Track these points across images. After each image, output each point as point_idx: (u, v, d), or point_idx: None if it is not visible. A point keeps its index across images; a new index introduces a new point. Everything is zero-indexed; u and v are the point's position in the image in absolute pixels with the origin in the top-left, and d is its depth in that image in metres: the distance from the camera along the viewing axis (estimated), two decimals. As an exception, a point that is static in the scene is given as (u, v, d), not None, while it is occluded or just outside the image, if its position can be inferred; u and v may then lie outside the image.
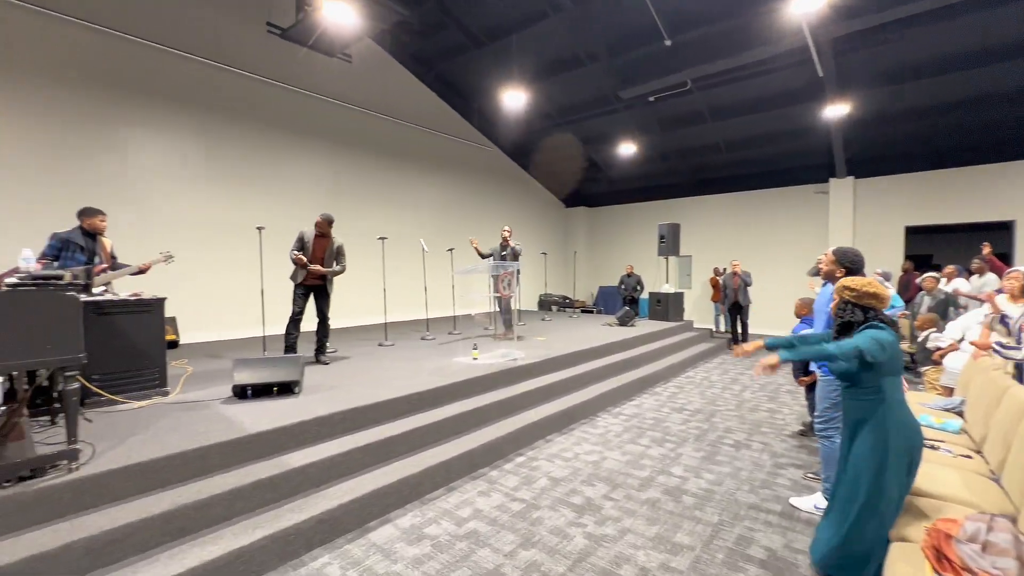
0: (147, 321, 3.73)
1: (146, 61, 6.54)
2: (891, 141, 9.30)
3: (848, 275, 2.77)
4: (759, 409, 5.33)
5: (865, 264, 2.92)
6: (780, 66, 8.03)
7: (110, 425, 3.05)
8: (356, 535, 2.78)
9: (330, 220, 5.18)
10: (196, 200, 7.05)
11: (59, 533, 2.13)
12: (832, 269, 2.93)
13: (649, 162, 12.12)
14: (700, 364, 7.94)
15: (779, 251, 11.22)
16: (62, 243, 3.84)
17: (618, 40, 8.35)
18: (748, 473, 3.64)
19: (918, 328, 5.13)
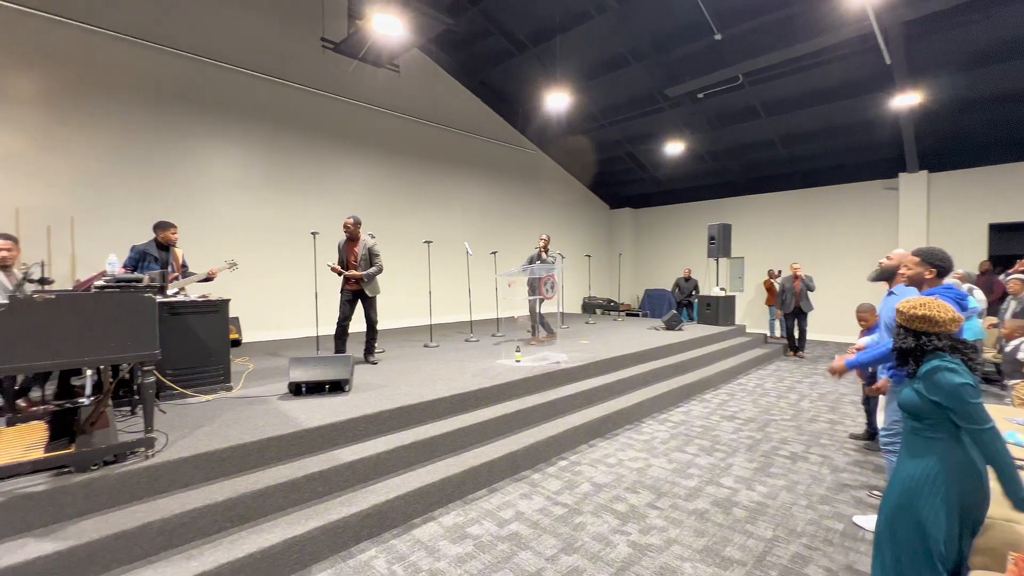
0: (213, 321, 4.00)
1: (214, 80, 7.05)
2: (970, 131, 8.52)
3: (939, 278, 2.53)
4: (818, 420, 5.01)
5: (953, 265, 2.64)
6: (841, 55, 7.55)
7: (181, 416, 3.30)
8: (401, 531, 2.85)
9: (357, 221, 5.24)
10: (257, 208, 7.51)
11: (137, 514, 2.32)
12: (918, 272, 2.57)
13: (698, 161, 11.73)
14: (753, 371, 7.57)
15: (841, 252, 10.54)
16: (139, 254, 4.23)
17: (665, 37, 8.15)
18: (806, 487, 3.43)
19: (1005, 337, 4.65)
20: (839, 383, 6.59)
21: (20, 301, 2.27)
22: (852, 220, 10.45)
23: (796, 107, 9.05)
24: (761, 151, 10.78)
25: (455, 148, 10.42)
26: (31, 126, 5.69)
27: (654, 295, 13.64)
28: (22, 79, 5.63)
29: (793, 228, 11.36)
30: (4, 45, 5.51)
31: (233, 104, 7.25)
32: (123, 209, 6.23)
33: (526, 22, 8.58)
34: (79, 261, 5.80)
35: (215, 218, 7.04)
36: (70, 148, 5.93)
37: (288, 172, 7.87)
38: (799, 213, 11.26)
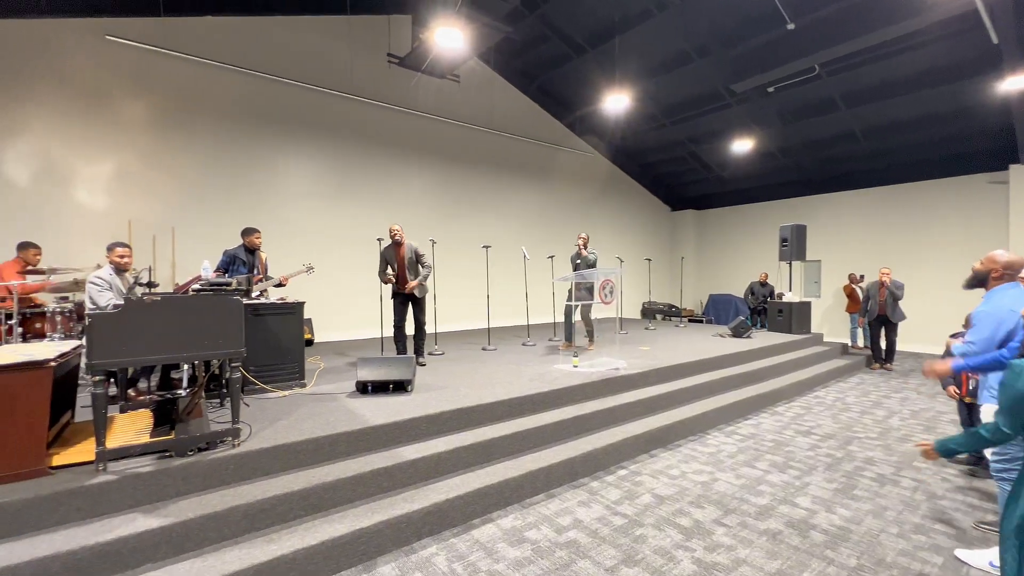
0: (290, 322, 4.30)
1: (292, 98, 7.61)
2: (1103, 114, 7.39)
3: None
4: (911, 440, 4.54)
5: None
6: (935, 37, 6.85)
7: (261, 410, 3.57)
8: (461, 530, 2.91)
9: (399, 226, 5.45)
10: (328, 215, 8.00)
11: (225, 498, 2.54)
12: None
13: (767, 158, 11.07)
14: (832, 383, 7.00)
15: (935, 255, 9.51)
16: (230, 258, 4.66)
17: (732, 30, 7.79)
18: (896, 513, 3.11)
19: None
20: (936, 399, 5.94)
21: (133, 302, 2.57)
22: (949, 219, 9.40)
23: (881, 97, 8.31)
24: (840, 145, 9.98)
25: (513, 153, 10.53)
26: (140, 147, 6.43)
27: (719, 300, 13.00)
28: (132, 106, 6.38)
29: (877, 228, 10.40)
30: (116, 77, 6.27)
31: (308, 120, 7.79)
32: (215, 218, 6.87)
33: (584, 25, 8.54)
34: (178, 266, 6.46)
35: (291, 225, 7.58)
36: (172, 166, 6.64)
37: (355, 181, 8.32)
38: (885, 212, 10.29)
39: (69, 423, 3.17)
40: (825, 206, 11.22)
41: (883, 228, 10.31)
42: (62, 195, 5.94)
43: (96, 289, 3.56)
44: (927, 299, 9.27)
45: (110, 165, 6.23)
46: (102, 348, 2.45)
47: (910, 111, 8.48)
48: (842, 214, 10.94)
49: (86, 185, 6.09)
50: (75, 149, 6.03)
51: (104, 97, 6.19)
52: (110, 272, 3.71)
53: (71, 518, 2.30)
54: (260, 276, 4.76)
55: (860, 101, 8.57)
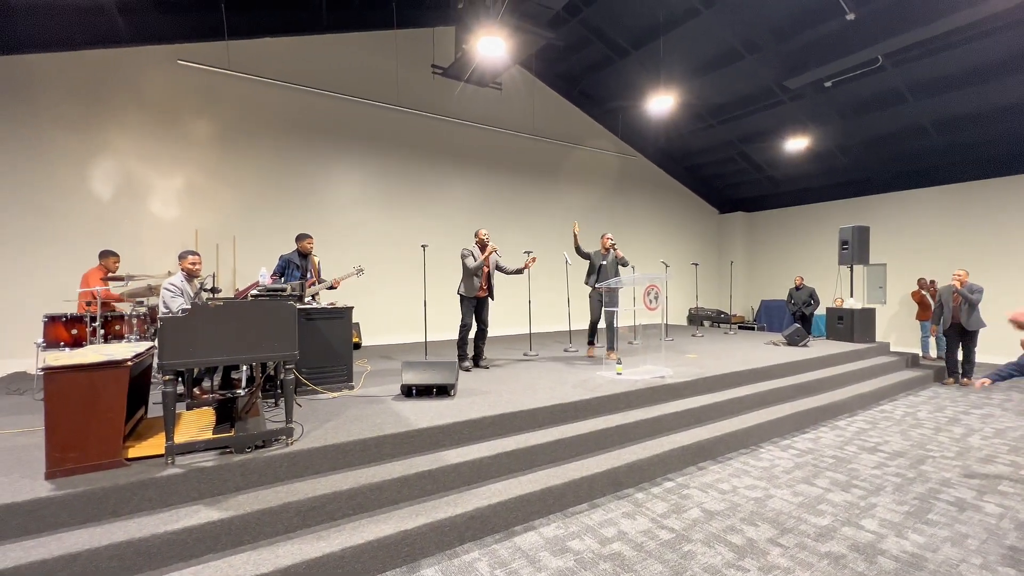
0: (339, 326, 4.47)
1: (341, 111, 7.96)
2: None
3: None
4: (996, 461, 4.13)
5: None
6: (1011, 23, 6.26)
7: (312, 411, 3.72)
8: (503, 537, 2.90)
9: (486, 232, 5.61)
10: (376, 222, 8.28)
11: (279, 494, 2.66)
12: None
13: (824, 157, 10.48)
14: (900, 396, 6.49)
15: (1017, 256, 8.64)
16: (285, 263, 4.91)
17: (785, 24, 7.45)
18: (979, 542, 2.83)
19: None
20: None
21: (199, 307, 2.75)
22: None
23: (955, 87, 7.69)
24: (908, 141, 9.29)
25: (555, 158, 10.52)
26: (206, 162, 6.91)
27: (771, 306, 12.39)
28: (199, 124, 6.88)
29: (950, 229, 9.58)
30: (186, 97, 6.78)
31: (357, 131, 8.11)
32: (272, 227, 7.26)
33: (627, 27, 8.43)
34: (238, 273, 6.87)
35: (341, 231, 7.90)
36: (234, 178, 7.09)
37: (401, 189, 8.57)
38: (958, 211, 9.47)
39: (143, 418, 3.42)
40: (889, 206, 10.47)
41: (956, 228, 9.50)
42: (139, 207, 6.48)
43: (170, 295, 3.84)
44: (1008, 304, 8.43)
45: (180, 179, 6.73)
46: (171, 349, 2.63)
47: (986, 101, 7.79)
48: (909, 214, 10.18)
49: (159, 198, 6.61)
50: (150, 165, 6.56)
51: (175, 117, 6.71)
52: (182, 279, 3.99)
53: (144, 507, 2.48)
54: (313, 280, 4.97)
55: (930, 92, 7.97)
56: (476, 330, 5.58)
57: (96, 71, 6.21)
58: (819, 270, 11.20)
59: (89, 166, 6.17)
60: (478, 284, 5.41)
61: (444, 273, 8.63)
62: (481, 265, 5.37)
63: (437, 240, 8.56)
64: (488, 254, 5.38)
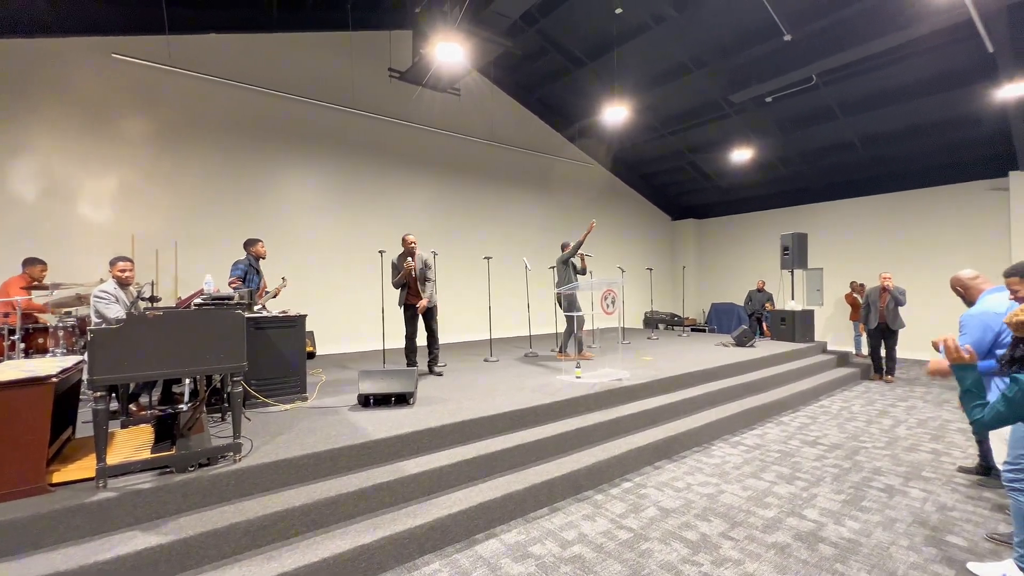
0: (292, 335, 4.30)
1: (293, 113, 7.70)
2: (1101, 120, 7.43)
3: None
4: (919, 449, 4.49)
5: None
6: (931, 47, 6.92)
7: (263, 424, 3.55)
8: (464, 546, 2.87)
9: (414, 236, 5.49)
10: (330, 228, 8.04)
11: (226, 514, 2.52)
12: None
13: (766, 168, 11.13)
14: (837, 392, 6.94)
15: (936, 261, 9.49)
16: (246, 269, 4.72)
17: (729, 42, 7.88)
18: (906, 526, 3.07)
19: None
20: (943, 407, 5.89)
21: (135, 317, 2.57)
22: (950, 226, 9.40)
23: (879, 105, 8.37)
24: (839, 154, 10.03)
25: (513, 165, 10.61)
26: (144, 162, 6.49)
27: (721, 309, 12.97)
28: (136, 122, 6.46)
29: (878, 236, 10.40)
30: (121, 94, 6.36)
31: (310, 134, 7.86)
32: (217, 232, 6.90)
33: (583, 38, 8.65)
34: (180, 280, 6.48)
35: (292, 237, 7.62)
36: (175, 180, 6.70)
37: (357, 194, 8.37)
38: (885, 219, 10.30)
39: (70, 439, 3.15)
40: (825, 214, 11.24)
41: (883, 235, 10.32)
42: (67, 211, 5.99)
43: (103, 303, 3.56)
44: (929, 306, 9.23)
45: (114, 180, 6.29)
46: (104, 363, 2.44)
47: (907, 119, 8.53)
48: (842, 222, 10.96)
49: (90, 201, 6.14)
50: (80, 165, 6.09)
51: (108, 114, 6.27)
52: (114, 286, 3.72)
53: (70, 536, 2.28)
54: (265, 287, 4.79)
55: (857, 110, 8.64)
56: (427, 336, 5.49)
57: (18, 62, 5.71)
58: (764, 274, 11.84)
59: (9, 166, 5.65)
60: (403, 293, 5.33)
61: (402, 279, 8.51)
62: (400, 281, 5.25)
63: (395, 246, 8.39)
64: (408, 270, 5.20)
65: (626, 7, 7.48)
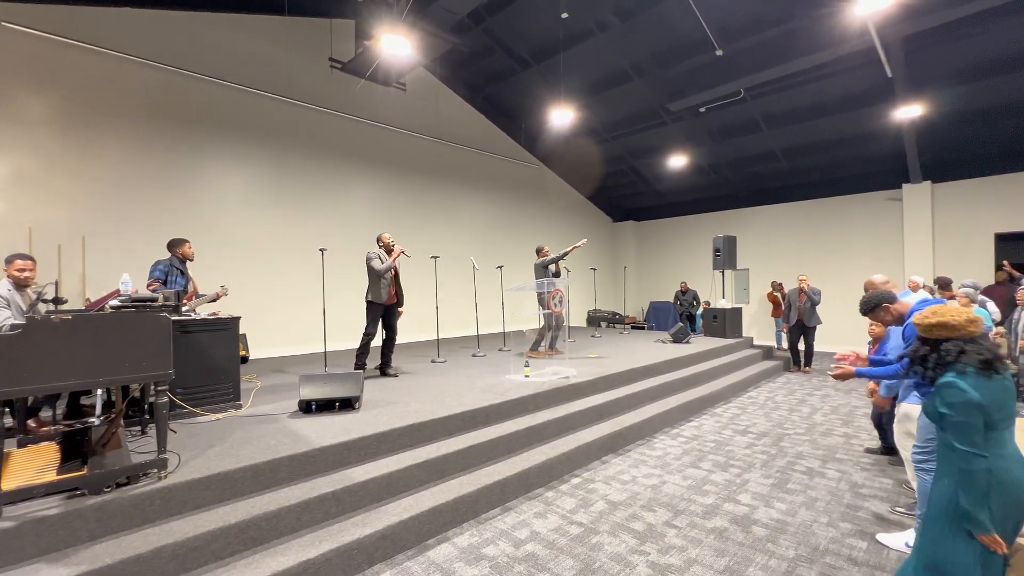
0: (224, 339, 4.00)
1: (223, 99, 7.16)
2: (972, 142, 8.57)
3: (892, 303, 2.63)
4: (833, 433, 4.95)
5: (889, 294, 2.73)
6: (842, 69, 7.64)
7: (191, 436, 3.27)
8: (415, 552, 2.80)
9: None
10: (264, 224, 7.56)
11: (150, 538, 2.29)
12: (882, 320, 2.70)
13: (700, 174, 11.81)
14: (763, 383, 7.50)
15: (846, 264, 10.52)
16: (167, 268, 4.31)
17: (667, 53, 8.26)
18: (825, 504, 3.37)
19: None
20: (851, 395, 6.53)
21: (38, 323, 2.27)
22: (856, 231, 10.45)
23: (798, 120, 9.13)
24: (763, 163, 10.84)
25: (460, 163, 10.51)
26: (43, 146, 5.77)
27: (659, 307, 13.60)
28: (34, 101, 5.73)
29: (797, 239, 11.36)
30: (16, 68, 5.62)
31: (242, 123, 7.35)
32: (134, 228, 6.28)
33: (529, 40, 8.73)
34: (90, 280, 5.83)
35: (224, 235, 7.08)
36: (82, 168, 6.01)
37: (296, 189, 7.94)
38: (802, 224, 11.28)
39: (-48, 463, 2.73)
40: (752, 219, 12.11)
41: (801, 239, 11.28)
42: (-57, 199, 5.20)
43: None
44: (841, 305, 10.20)
45: (5, 167, 5.53)
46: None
47: (820, 134, 9.38)
48: (766, 226, 11.86)
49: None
50: (-39, 147, 5.30)
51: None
52: (8, 287, 3.27)
53: (-45, 576, 1.98)
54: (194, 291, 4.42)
55: (779, 124, 9.37)
56: (384, 337, 5.41)
57: None
58: (697, 274, 12.56)
59: None
60: (387, 290, 5.20)
61: (345, 279, 8.17)
62: (390, 266, 5.19)
63: (337, 244, 8.08)
64: (397, 256, 5.22)
65: (572, 13, 7.64)
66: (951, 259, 9.16)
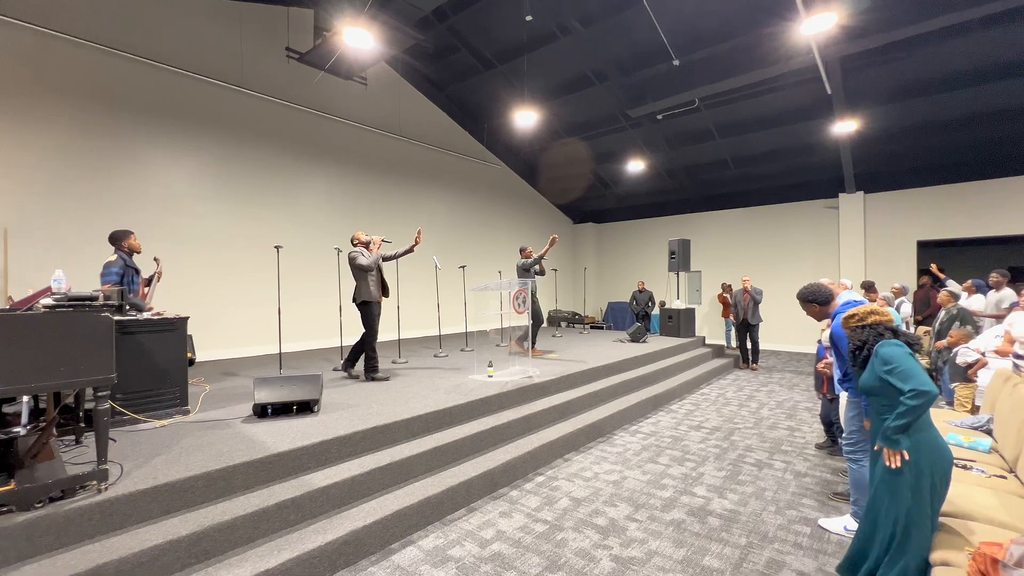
0: (169, 340, 3.76)
1: (171, 86, 6.73)
2: (900, 156, 9.34)
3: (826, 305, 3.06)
4: (778, 427, 5.26)
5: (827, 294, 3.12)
6: (788, 84, 8.12)
7: (134, 445, 3.06)
8: (379, 557, 2.75)
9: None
10: (216, 220, 7.16)
11: (89, 555, 2.12)
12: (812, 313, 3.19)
13: (657, 179, 12.21)
14: (715, 381, 7.86)
15: (790, 266, 11.19)
16: (123, 269, 4.02)
17: (628, 60, 8.50)
18: (773, 493, 3.58)
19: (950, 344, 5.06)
20: (795, 391, 6.95)
21: (-43, 323, 2.06)
22: (799, 236, 11.14)
23: (747, 130, 9.62)
24: (715, 171, 11.36)
25: (422, 161, 10.37)
26: (-42, 129, 5.22)
27: (617, 308, 13.96)
28: (-52, 78, 5.18)
29: (745, 243, 11.97)
30: (-72, 41, 5.06)
31: (189, 111, 6.93)
32: (65, 221, 5.79)
33: (493, 41, 8.73)
34: (13, 277, 5.32)
35: (170, 230, 6.65)
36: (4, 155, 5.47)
37: (250, 183, 7.57)
38: (750, 229, 11.90)
39: None
40: (705, 223, 12.65)
41: (750, 243, 11.90)
42: None
43: None
44: (783, 305, 10.83)
45: (-90, 149, 4.96)
46: (-92, 382, 1.92)
47: (767, 144, 9.94)
48: (718, 230, 12.43)
49: None
50: None
51: (-98, 63, 4.93)
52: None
53: None
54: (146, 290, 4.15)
55: (730, 133, 9.85)
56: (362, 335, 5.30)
57: None
58: (654, 275, 12.98)
59: None
60: (377, 286, 5.12)
61: (302, 278, 7.89)
62: (377, 258, 5.11)
63: (294, 241, 7.77)
64: (378, 245, 5.19)
65: (536, 16, 7.71)
66: (881, 263, 9.94)
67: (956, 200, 9.18)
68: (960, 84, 7.38)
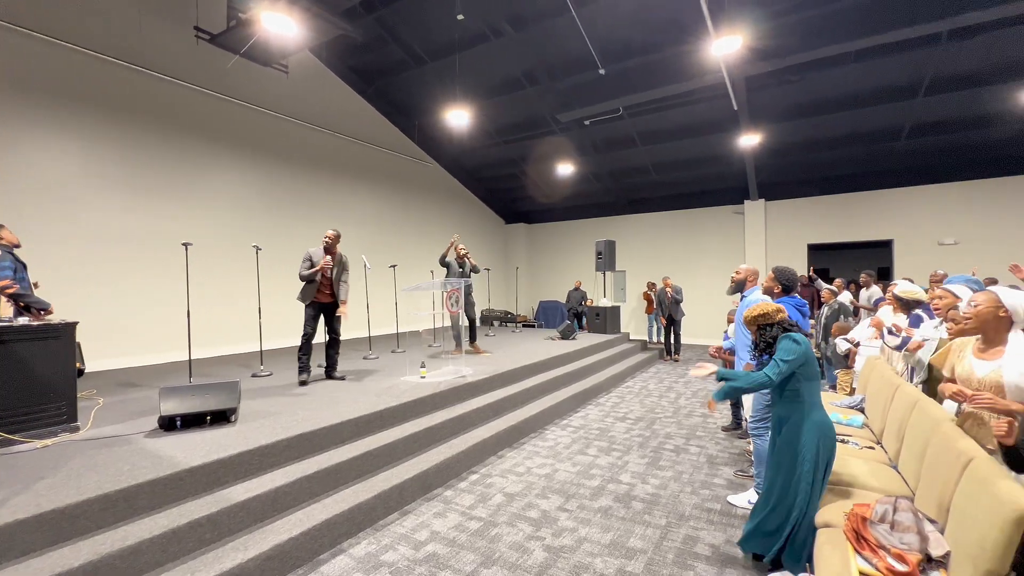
0: (53, 348, 3.32)
1: (57, 61, 5.91)
2: (794, 168, 10.47)
3: (784, 293, 3.23)
4: (694, 415, 5.70)
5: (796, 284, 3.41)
6: (702, 98, 8.80)
7: (9, 469, 2.68)
8: (308, 569, 2.63)
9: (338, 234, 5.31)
10: (110, 212, 6.40)
11: (-47, 599, 1.84)
12: (771, 286, 3.40)
13: (585, 182, 12.68)
14: (638, 374, 8.34)
15: (703, 266, 12.13)
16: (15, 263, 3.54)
17: (558, 66, 8.75)
18: (689, 476, 3.88)
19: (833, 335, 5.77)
20: (708, 381, 7.57)
21: None
22: (711, 239, 12.12)
23: (666, 139, 10.30)
24: (638, 176, 12.03)
25: (349, 157, 9.97)
26: None
27: (548, 306, 14.32)
28: None
29: (665, 245, 12.81)
30: None
31: (77, 91, 6.13)
32: (-93, 210, 4.89)
33: (424, 36, 8.60)
34: None
35: (52, 223, 5.85)
36: None
37: (154, 173, 6.85)
38: (669, 232, 12.75)
39: None
40: (629, 225, 13.36)
41: (669, 245, 12.75)
42: None
43: None
44: (699, 302, 11.74)
45: None
46: None
47: (684, 152, 10.71)
48: (641, 232, 13.18)
49: None
50: None
51: None
52: None
53: None
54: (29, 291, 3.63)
55: (651, 141, 10.49)
56: (329, 340, 5.20)
57: None
58: (582, 275, 13.47)
59: None
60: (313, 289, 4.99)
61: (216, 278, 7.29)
62: (314, 273, 4.95)
63: (204, 238, 7.14)
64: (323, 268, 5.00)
65: (467, 15, 7.71)
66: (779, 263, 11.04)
67: (836, 208, 10.49)
68: (839, 107, 8.43)
